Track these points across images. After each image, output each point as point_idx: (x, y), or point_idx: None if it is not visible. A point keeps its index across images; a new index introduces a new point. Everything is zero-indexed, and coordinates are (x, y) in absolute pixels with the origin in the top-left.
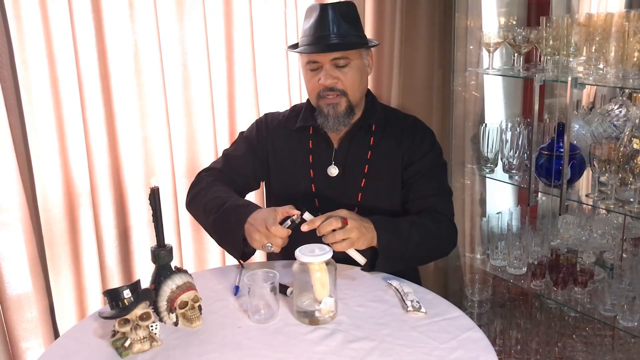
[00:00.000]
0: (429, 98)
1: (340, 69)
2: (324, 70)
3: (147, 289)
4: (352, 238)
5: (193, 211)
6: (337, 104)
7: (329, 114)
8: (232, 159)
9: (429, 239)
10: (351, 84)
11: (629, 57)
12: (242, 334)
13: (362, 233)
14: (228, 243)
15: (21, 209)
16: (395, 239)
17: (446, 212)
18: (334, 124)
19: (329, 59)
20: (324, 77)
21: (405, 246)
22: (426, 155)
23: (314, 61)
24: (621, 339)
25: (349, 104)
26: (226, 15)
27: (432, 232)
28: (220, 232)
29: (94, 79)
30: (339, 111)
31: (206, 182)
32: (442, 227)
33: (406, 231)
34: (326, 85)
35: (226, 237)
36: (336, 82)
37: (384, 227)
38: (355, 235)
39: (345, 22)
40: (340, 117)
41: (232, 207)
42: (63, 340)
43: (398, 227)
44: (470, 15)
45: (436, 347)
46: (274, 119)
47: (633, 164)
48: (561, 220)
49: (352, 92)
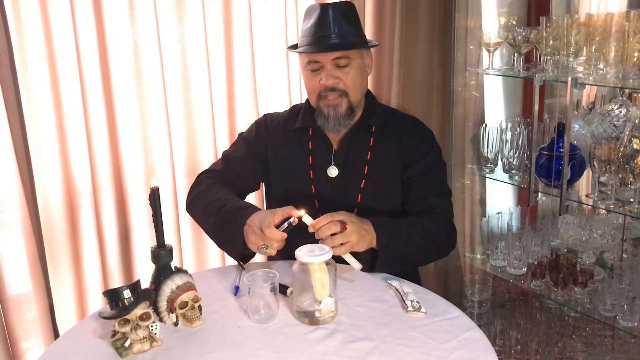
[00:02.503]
0: (429, 98)
1: (341, 69)
2: (325, 70)
3: (147, 289)
4: (351, 241)
5: (193, 213)
6: (338, 105)
7: (330, 115)
8: (231, 160)
9: (428, 240)
10: (352, 84)
11: (629, 57)
12: (242, 334)
13: (362, 235)
14: (228, 245)
15: (21, 209)
16: (395, 240)
17: (445, 213)
18: (334, 125)
19: (330, 58)
20: (325, 78)
21: (404, 247)
22: (426, 156)
23: (314, 61)
24: (621, 339)
25: (349, 105)
26: (226, 16)
27: (432, 233)
28: (220, 235)
29: (94, 79)
30: (339, 112)
31: (206, 185)
32: (442, 228)
33: (405, 232)
34: (327, 86)
35: (226, 239)
36: (337, 82)
37: (383, 228)
38: (355, 239)
39: (346, 22)
40: (341, 118)
41: (232, 209)
42: (63, 340)
43: (397, 228)
44: (470, 15)
45: (436, 347)
46: (273, 119)
47: (633, 164)
48: (561, 221)
49: (353, 92)
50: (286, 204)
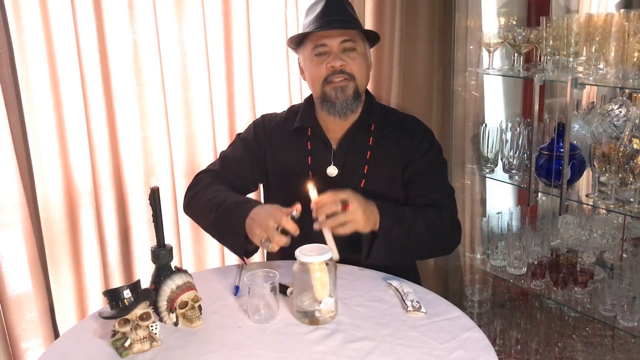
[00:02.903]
0: (429, 98)
1: (348, 54)
2: (332, 54)
3: (147, 289)
4: (355, 220)
5: (192, 212)
6: (345, 87)
7: (337, 97)
8: (229, 160)
9: (433, 231)
10: (359, 69)
11: (629, 57)
12: (242, 334)
13: (366, 216)
14: (230, 240)
15: (21, 209)
16: (398, 225)
17: (450, 208)
18: (341, 108)
19: (337, 42)
20: (333, 59)
21: (407, 235)
22: (425, 155)
23: (322, 44)
24: (621, 339)
25: (356, 89)
26: (225, 16)
27: (436, 224)
28: (222, 230)
29: (94, 79)
30: (347, 94)
31: (204, 184)
32: (446, 221)
33: (409, 219)
34: (335, 67)
35: (228, 234)
36: (345, 65)
37: (387, 211)
38: (359, 218)
39: (351, 12)
40: (349, 100)
41: (233, 203)
42: (63, 340)
43: (402, 214)
44: (470, 15)
45: (436, 347)
46: (271, 120)
47: (633, 164)
48: (561, 220)
49: (360, 77)
50: (285, 204)
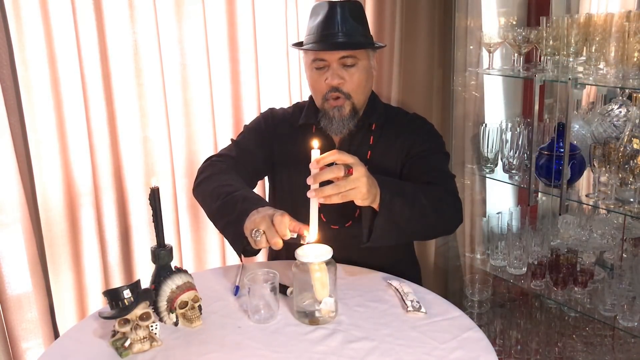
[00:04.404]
0: (429, 98)
1: (347, 69)
2: (330, 69)
3: (147, 289)
4: (357, 188)
5: (199, 195)
6: (342, 106)
7: (334, 116)
8: (243, 147)
9: (434, 204)
10: (356, 86)
11: (629, 57)
12: (242, 334)
13: (370, 185)
14: (230, 233)
15: (21, 209)
16: (400, 197)
17: (450, 188)
18: (338, 127)
19: (336, 57)
20: (331, 77)
21: (410, 209)
22: (425, 142)
23: (320, 59)
24: (621, 339)
25: (353, 107)
26: (229, 15)
27: (438, 198)
28: (224, 220)
29: (94, 79)
30: (343, 114)
31: (219, 168)
32: (448, 196)
33: (411, 191)
34: (333, 85)
35: (230, 223)
36: (342, 83)
37: (387, 184)
38: (362, 185)
39: (354, 21)
40: (345, 119)
41: (242, 196)
42: (63, 340)
43: (402, 187)
44: (470, 15)
45: (436, 347)
46: (278, 114)
47: (633, 164)
48: (561, 220)
49: (357, 95)
50: (288, 198)
